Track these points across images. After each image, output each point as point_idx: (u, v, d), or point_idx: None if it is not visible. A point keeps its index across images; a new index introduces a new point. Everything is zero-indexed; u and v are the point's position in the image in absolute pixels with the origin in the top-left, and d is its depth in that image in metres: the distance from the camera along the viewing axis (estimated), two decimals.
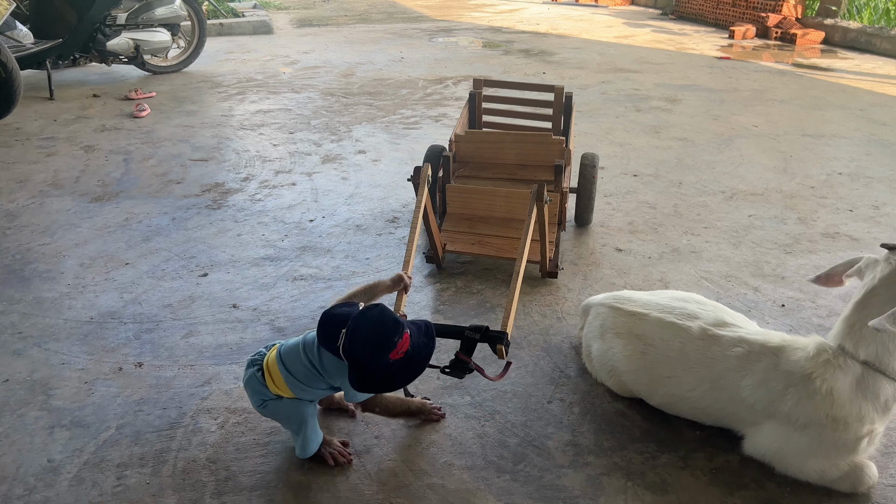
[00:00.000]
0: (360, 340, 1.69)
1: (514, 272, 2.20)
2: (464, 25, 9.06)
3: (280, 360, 1.89)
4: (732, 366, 1.90)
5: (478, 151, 3.26)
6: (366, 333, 1.69)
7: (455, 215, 3.05)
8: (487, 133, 3.32)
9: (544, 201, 2.38)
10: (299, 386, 1.86)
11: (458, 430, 2.08)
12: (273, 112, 5.26)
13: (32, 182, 3.95)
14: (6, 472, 1.93)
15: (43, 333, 2.56)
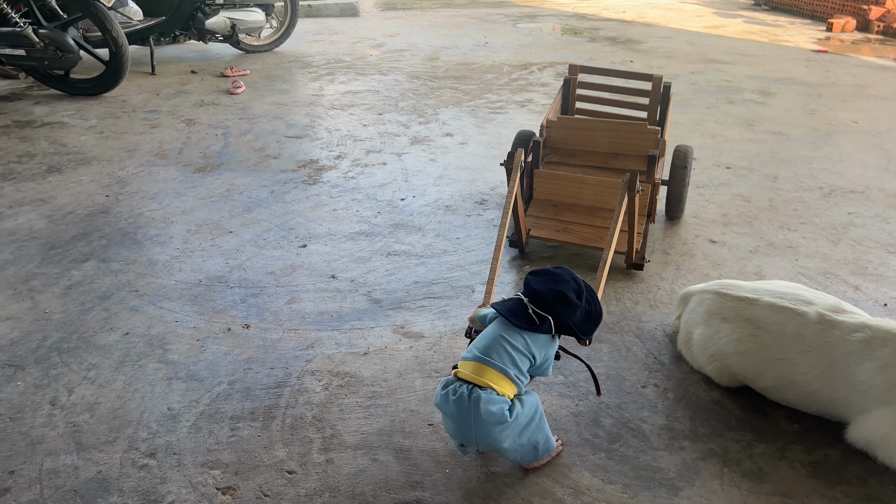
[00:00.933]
0: (550, 293, 1.82)
1: (602, 260, 2.22)
2: (548, 11, 9.00)
3: (488, 362, 1.78)
4: (852, 350, 1.89)
5: (569, 138, 3.26)
6: (549, 286, 1.84)
7: (541, 201, 3.07)
8: (580, 119, 3.31)
9: (636, 191, 2.39)
10: (520, 377, 1.81)
11: (552, 407, 2.13)
12: (362, 93, 5.37)
13: (140, 152, 4.17)
14: (131, 417, 2.08)
15: (157, 293, 2.72)
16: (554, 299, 1.82)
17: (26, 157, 4.05)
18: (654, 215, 3.02)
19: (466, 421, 1.73)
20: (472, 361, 1.78)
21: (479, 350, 1.80)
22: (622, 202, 2.34)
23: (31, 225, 3.25)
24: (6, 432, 2.02)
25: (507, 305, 1.85)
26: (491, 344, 1.80)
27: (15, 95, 5.28)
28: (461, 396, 1.73)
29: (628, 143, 3.14)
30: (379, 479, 1.87)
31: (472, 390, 1.73)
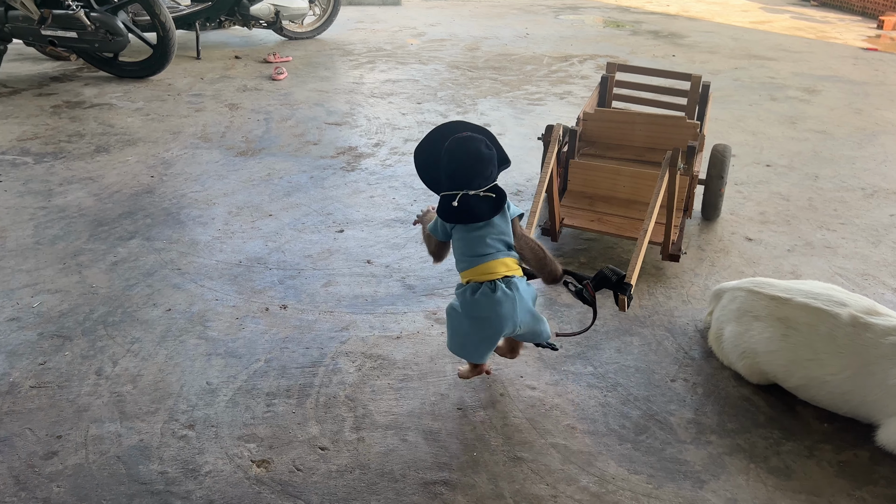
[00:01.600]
0: (476, 167, 1.89)
1: (637, 245, 2.23)
2: (590, 3, 8.93)
3: (495, 255, 1.91)
4: (885, 353, 1.88)
5: (605, 132, 3.26)
6: (469, 161, 1.90)
7: (576, 192, 3.08)
8: (617, 112, 3.30)
9: (679, 168, 2.38)
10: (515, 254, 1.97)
11: (580, 397, 2.16)
12: (401, 82, 5.42)
13: (184, 134, 4.27)
14: (171, 389, 2.17)
15: (198, 271, 2.81)
16: (483, 168, 1.88)
17: (76, 137, 4.19)
18: (691, 210, 2.99)
19: (511, 311, 1.87)
20: (482, 264, 1.89)
21: (477, 252, 1.90)
22: (662, 178, 2.35)
23: (79, 202, 3.37)
24: (54, 399, 2.12)
25: (455, 209, 1.88)
26: (479, 242, 1.90)
27: (66, 77, 5.44)
28: (501, 291, 1.86)
29: (666, 136, 3.12)
30: (408, 458, 1.92)
31: (508, 281, 1.88)
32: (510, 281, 1.89)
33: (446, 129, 1.94)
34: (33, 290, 2.66)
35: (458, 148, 1.88)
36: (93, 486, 1.82)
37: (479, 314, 1.88)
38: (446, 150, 1.88)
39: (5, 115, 4.53)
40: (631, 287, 2.07)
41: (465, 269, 1.92)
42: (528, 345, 2.21)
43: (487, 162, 1.89)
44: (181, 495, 1.80)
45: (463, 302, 1.91)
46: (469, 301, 1.89)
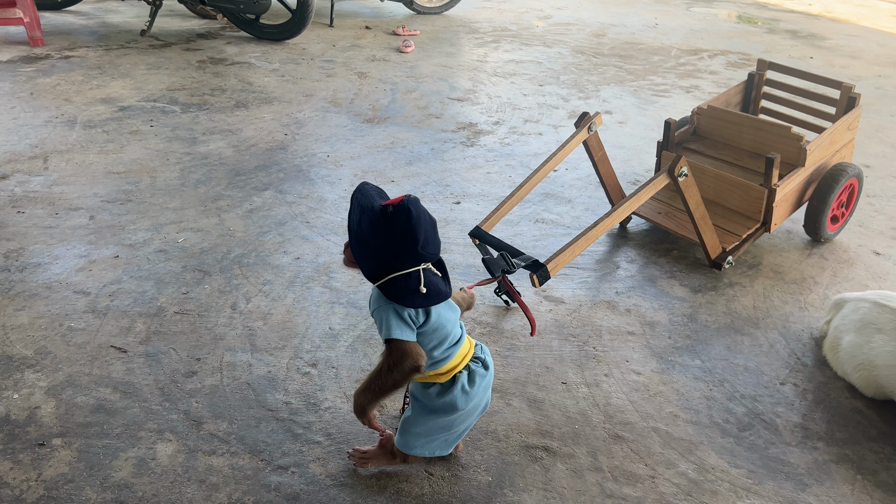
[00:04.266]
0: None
1: (606, 220, 2.33)
2: None
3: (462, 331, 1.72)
4: None
5: (717, 130, 3.17)
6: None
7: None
8: (727, 112, 3.17)
9: (677, 174, 2.41)
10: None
11: (685, 387, 2.17)
12: (524, 63, 5.45)
13: (316, 98, 4.49)
14: (297, 330, 2.34)
15: (325, 226, 2.99)
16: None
17: (218, 91, 4.48)
18: (771, 224, 2.77)
19: (491, 378, 1.75)
20: (462, 345, 1.67)
21: (454, 336, 1.65)
22: (654, 183, 2.41)
23: (220, 152, 3.63)
24: (195, 326, 2.34)
25: (425, 292, 1.56)
26: (450, 323, 1.64)
27: (211, 34, 5.80)
28: (479, 375, 1.68)
29: (770, 144, 2.97)
30: (511, 421, 2.01)
31: (481, 349, 1.74)
32: (482, 347, 1.74)
33: (367, 193, 1.55)
34: (178, 226, 2.92)
35: (420, 215, 1.50)
36: (226, 406, 2.01)
37: (479, 402, 1.70)
38: (407, 222, 1.49)
39: (157, 67, 4.89)
40: (545, 268, 2.16)
41: (446, 363, 1.64)
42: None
43: (437, 227, 1.59)
44: (302, 425, 1.96)
45: (462, 397, 1.66)
46: (469, 394, 1.66)
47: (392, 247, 1.51)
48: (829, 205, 2.85)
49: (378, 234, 1.50)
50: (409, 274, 1.52)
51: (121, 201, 3.09)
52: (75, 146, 3.60)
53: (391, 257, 1.51)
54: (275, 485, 1.77)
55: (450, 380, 1.65)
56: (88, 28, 5.78)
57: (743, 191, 2.76)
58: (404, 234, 1.49)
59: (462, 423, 1.73)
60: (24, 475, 1.76)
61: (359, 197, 1.54)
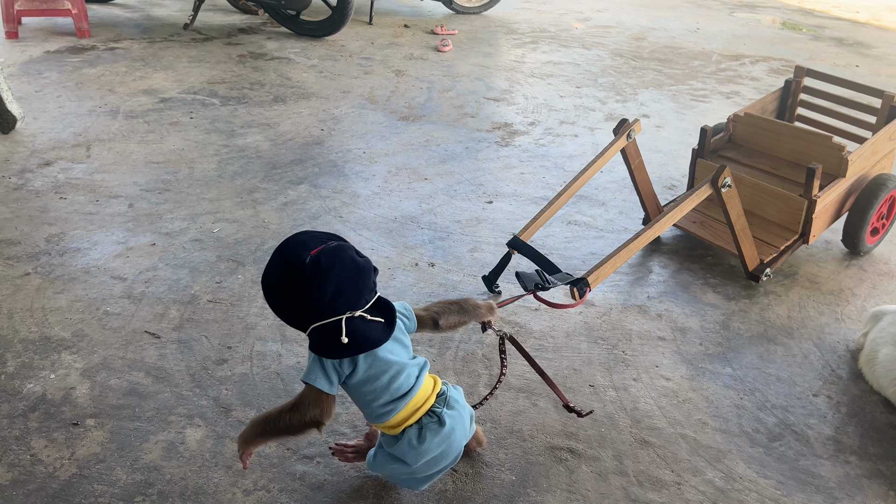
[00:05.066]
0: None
1: (648, 231, 2.27)
2: (770, 3, 8.45)
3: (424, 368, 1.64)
4: None
5: (754, 138, 3.09)
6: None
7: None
8: (765, 120, 3.08)
9: (721, 185, 2.35)
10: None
11: (715, 395, 2.14)
12: (562, 65, 5.42)
13: (353, 94, 4.53)
14: None
15: (358, 222, 3.01)
16: (367, 280, 1.52)
17: (257, 86, 4.54)
18: (810, 236, 2.70)
19: (462, 429, 1.63)
20: (411, 399, 1.56)
21: (399, 389, 1.55)
22: (697, 194, 2.35)
23: (257, 145, 3.68)
24: (227, 314, 2.37)
25: (346, 343, 1.47)
26: (394, 375, 1.55)
27: (251, 29, 5.88)
28: (447, 417, 1.59)
29: (808, 154, 2.88)
30: (537, 421, 2.00)
31: (443, 400, 1.62)
32: (446, 398, 1.61)
33: (295, 245, 1.49)
34: (214, 217, 2.97)
35: (333, 262, 1.44)
36: (255, 394, 2.04)
37: (435, 454, 1.59)
38: (316, 269, 1.43)
39: (198, 60, 4.98)
40: (586, 281, 2.10)
41: (389, 417, 1.55)
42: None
43: (367, 272, 1.50)
44: None
45: (410, 454, 1.57)
46: (418, 450, 1.56)
47: (302, 298, 1.45)
48: (869, 217, 2.77)
49: (293, 284, 1.45)
50: (325, 325, 1.45)
51: (159, 190, 3.15)
52: (117, 135, 3.68)
53: (304, 309, 1.46)
54: (300, 473, 1.79)
55: (401, 434, 1.57)
56: (133, 21, 5.90)
57: (782, 201, 2.71)
58: (312, 284, 1.43)
59: (423, 472, 1.63)
60: (57, 453, 1.81)
61: (283, 249, 1.48)
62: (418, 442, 1.55)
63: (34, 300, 2.39)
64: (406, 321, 1.62)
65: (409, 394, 1.54)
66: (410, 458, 1.57)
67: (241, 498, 1.72)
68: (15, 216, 2.89)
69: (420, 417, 1.56)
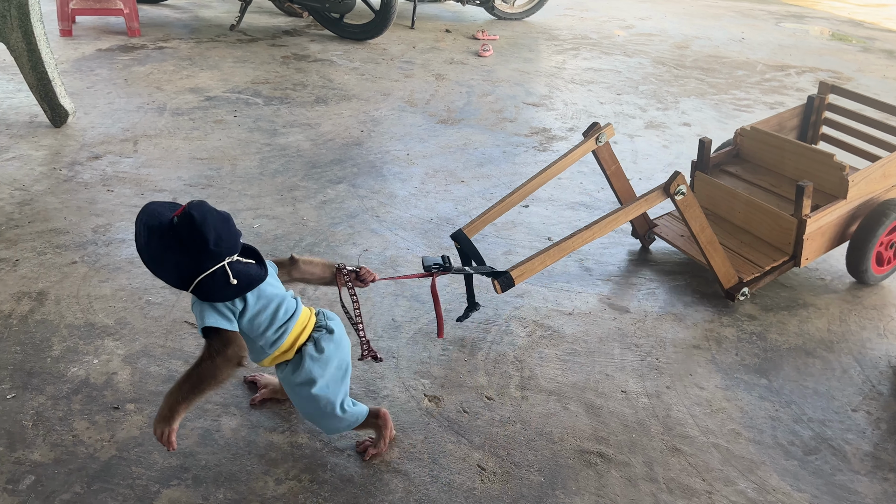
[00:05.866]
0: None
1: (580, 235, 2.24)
2: (818, 14, 8.30)
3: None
4: None
5: (760, 153, 2.97)
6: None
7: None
8: (770, 135, 2.93)
9: (674, 193, 2.27)
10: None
11: (750, 405, 2.11)
12: (603, 72, 5.40)
13: (393, 97, 4.57)
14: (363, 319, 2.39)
15: (394, 221, 3.04)
16: (235, 227, 1.64)
17: (300, 87, 4.62)
18: (801, 259, 2.57)
19: (341, 351, 1.76)
20: (297, 320, 1.70)
21: (285, 315, 1.68)
22: (647, 199, 2.29)
23: (298, 144, 3.74)
24: None
25: (237, 283, 1.59)
26: (278, 304, 1.68)
27: (296, 31, 5.97)
28: (324, 340, 1.72)
29: (812, 172, 2.73)
30: (567, 425, 2.00)
31: (323, 314, 1.78)
32: (324, 314, 1.78)
33: (152, 213, 1.57)
34: (255, 213, 3.02)
35: (204, 215, 1.54)
36: None
37: (336, 362, 1.73)
38: (193, 225, 1.52)
39: (243, 60, 5.08)
40: (508, 275, 2.13)
41: (283, 340, 1.67)
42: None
43: (232, 219, 1.62)
44: None
45: (315, 367, 1.69)
46: (321, 360, 1.70)
47: (188, 254, 1.54)
48: (872, 244, 2.58)
49: (171, 246, 1.53)
50: (213, 273, 1.55)
51: (202, 186, 3.22)
52: (163, 132, 3.78)
53: (191, 264, 1.54)
54: (331, 465, 1.82)
55: (297, 354, 1.69)
56: (182, 21, 6.04)
57: (773, 219, 2.61)
58: (194, 238, 1.52)
59: (334, 390, 1.73)
60: (98, 435, 1.86)
61: (143, 218, 1.55)
62: (318, 352, 1.69)
63: (80, 288, 2.47)
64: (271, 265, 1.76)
65: (294, 315, 1.68)
66: (317, 370, 1.68)
67: (273, 486, 1.75)
68: (64, 206, 2.98)
69: (310, 333, 1.71)
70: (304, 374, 1.68)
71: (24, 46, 3.51)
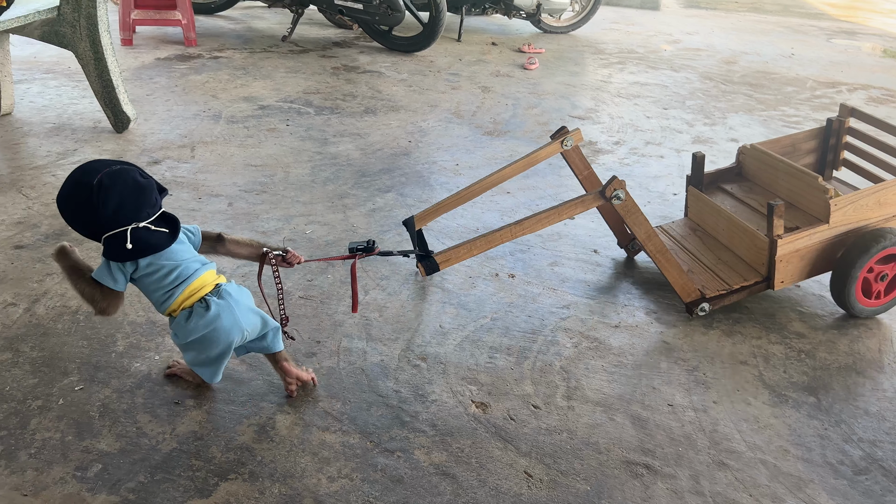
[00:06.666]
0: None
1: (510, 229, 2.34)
2: (871, 30, 8.15)
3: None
4: None
5: (758, 172, 2.91)
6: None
7: (692, 222, 2.97)
8: (766, 154, 2.84)
9: (610, 198, 2.30)
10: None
11: (798, 423, 2.11)
12: (649, 86, 5.40)
13: (440, 108, 4.64)
14: (410, 325, 2.44)
15: (441, 230, 3.09)
16: (147, 196, 1.85)
17: (349, 97, 4.72)
18: (775, 281, 2.50)
19: (232, 319, 1.90)
20: (183, 290, 1.88)
21: (174, 283, 1.87)
22: (581, 201, 2.34)
23: (348, 153, 3.83)
24: (317, 311, 2.49)
25: (131, 249, 1.82)
26: (170, 273, 1.88)
27: (345, 43, 6.11)
28: (214, 304, 1.88)
29: (801, 194, 2.66)
30: (613, 436, 2.02)
31: (217, 292, 1.92)
32: (220, 290, 1.91)
33: (86, 170, 1.79)
34: (307, 219, 3.11)
35: (114, 182, 1.75)
36: (340, 387, 2.13)
37: (202, 334, 1.88)
38: (99, 188, 1.73)
39: (295, 71, 5.21)
40: (432, 259, 2.34)
41: (169, 303, 1.88)
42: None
43: (149, 190, 1.82)
44: (410, 413, 2.05)
45: (180, 332, 1.89)
46: (184, 327, 1.88)
47: (93, 214, 1.76)
48: (854, 274, 2.46)
49: (82, 204, 1.76)
50: (115, 234, 1.78)
51: (256, 192, 3.32)
52: (219, 139, 3.90)
53: (95, 224, 1.78)
54: (381, 466, 1.86)
55: (177, 317, 1.90)
56: (235, 32, 6.23)
57: (750, 238, 2.57)
58: (97, 201, 1.74)
59: (201, 352, 1.92)
60: (160, 428, 1.94)
61: (77, 172, 1.78)
62: (185, 322, 1.88)
63: None
64: (191, 236, 1.98)
65: (183, 284, 1.87)
66: (180, 334, 1.90)
67: (326, 484, 1.80)
68: None
69: (193, 303, 1.88)
70: (174, 331, 1.93)
71: (91, 55, 3.67)
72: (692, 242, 2.83)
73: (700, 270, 2.65)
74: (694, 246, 2.81)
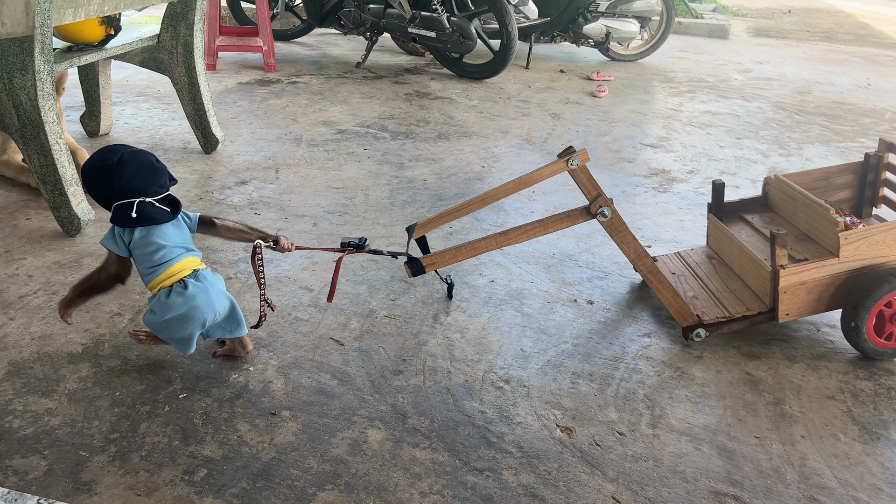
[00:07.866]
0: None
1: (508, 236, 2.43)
2: None
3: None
4: None
5: (781, 203, 2.86)
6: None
7: (711, 249, 2.97)
8: (787, 185, 2.78)
9: (595, 212, 2.37)
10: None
11: (891, 461, 2.07)
12: (721, 115, 5.37)
13: (511, 134, 4.72)
14: (491, 347, 2.49)
15: (518, 255, 3.14)
16: (157, 177, 2.16)
17: (423, 123, 4.84)
18: (779, 313, 2.46)
19: (206, 300, 2.11)
20: (167, 269, 2.10)
21: (161, 260, 2.10)
22: (568, 215, 2.42)
23: (424, 177, 3.92)
24: (401, 330, 2.56)
25: (134, 217, 2.07)
26: (160, 251, 2.10)
27: (416, 70, 6.26)
28: (192, 286, 2.10)
29: (817, 226, 2.60)
30: (700, 465, 2.02)
31: (195, 275, 2.13)
32: (197, 274, 2.13)
33: (112, 149, 2.12)
34: (387, 240, 3.20)
35: (132, 159, 2.08)
36: (427, 405, 2.19)
37: (177, 313, 2.08)
38: (120, 162, 2.06)
39: (370, 96, 5.37)
40: (416, 260, 2.45)
41: (152, 278, 2.10)
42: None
43: (160, 172, 2.13)
44: (496, 434, 2.09)
45: (159, 309, 2.10)
46: (164, 304, 2.09)
47: (110, 181, 2.06)
48: (863, 313, 2.40)
49: (101, 173, 2.07)
50: (124, 204, 2.06)
51: (339, 213, 3.44)
52: (301, 161, 4.05)
53: (109, 191, 2.07)
54: (471, 484, 1.91)
55: (158, 294, 2.12)
56: (311, 58, 6.46)
57: (756, 268, 2.54)
58: (114, 174, 2.04)
59: (177, 330, 2.12)
60: (259, 437, 2.04)
61: (103, 150, 2.11)
62: (165, 298, 2.09)
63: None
64: (188, 221, 2.22)
65: (164, 265, 2.09)
66: (158, 311, 2.10)
67: (418, 499, 1.86)
68: None
69: (173, 283, 2.09)
70: (150, 304, 2.15)
71: (186, 80, 3.87)
72: (704, 269, 2.85)
73: (704, 297, 2.66)
74: (705, 273, 2.83)
